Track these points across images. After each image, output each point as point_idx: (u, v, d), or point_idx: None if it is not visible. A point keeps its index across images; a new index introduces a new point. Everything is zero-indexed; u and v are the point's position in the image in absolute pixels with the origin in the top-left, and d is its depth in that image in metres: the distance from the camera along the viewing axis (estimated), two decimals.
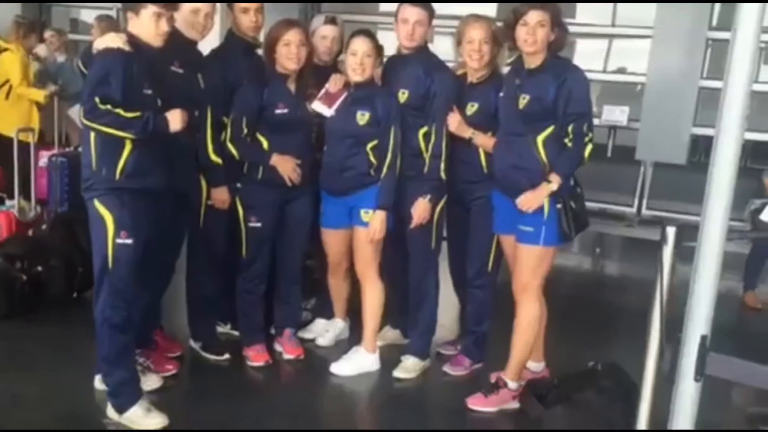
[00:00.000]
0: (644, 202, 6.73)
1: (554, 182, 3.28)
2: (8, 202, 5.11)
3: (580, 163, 3.34)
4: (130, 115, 3.00)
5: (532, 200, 3.31)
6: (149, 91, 3.13)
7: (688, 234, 2.52)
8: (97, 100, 2.98)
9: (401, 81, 3.71)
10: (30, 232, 4.89)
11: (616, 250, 7.44)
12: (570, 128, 3.29)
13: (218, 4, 3.70)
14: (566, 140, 3.31)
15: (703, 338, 2.23)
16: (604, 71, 8.31)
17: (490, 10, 7.78)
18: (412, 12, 3.68)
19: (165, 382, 3.58)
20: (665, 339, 2.52)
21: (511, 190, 3.43)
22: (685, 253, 2.57)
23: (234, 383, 3.74)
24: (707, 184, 2.22)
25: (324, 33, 4.00)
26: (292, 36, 3.61)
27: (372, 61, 3.66)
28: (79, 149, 3.92)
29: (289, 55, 3.62)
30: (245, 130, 3.66)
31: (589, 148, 3.31)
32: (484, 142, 3.63)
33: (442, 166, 3.67)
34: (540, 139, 3.34)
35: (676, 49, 7.24)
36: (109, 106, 2.98)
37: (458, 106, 3.67)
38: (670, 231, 2.51)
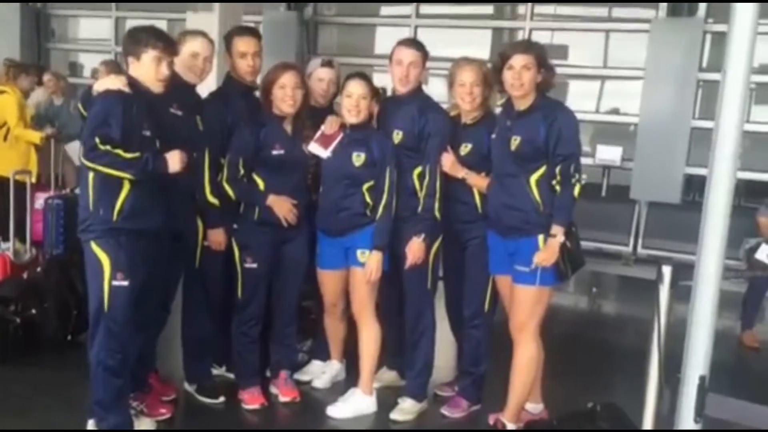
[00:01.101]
0: (639, 241, 6.75)
1: (558, 234, 3.29)
2: (3, 245, 5.09)
3: (573, 204, 3.36)
4: (129, 156, 3.02)
5: (546, 257, 3.31)
6: (148, 133, 3.16)
7: (684, 273, 2.52)
8: (97, 140, 3.00)
9: (396, 122, 3.75)
10: (25, 275, 4.87)
11: (612, 289, 7.44)
12: (557, 169, 3.32)
13: (216, 48, 3.75)
14: (554, 182, 3.33)
15: (702, 379, 2.22)
16: (597, 111, 8.42)
17: (484, 52, 7.92)
18: (406, 54, 3.73)
19: (159, 426, 3.53)
20: (664, 379, 2.51)
21: (505, 230, 3.44)
22: (682, 293, 2.57)
23: (229, 427, 3.69)
24: (702, 222, 2.23)
25: (320, 75, 4.06)
26: (288, 79, 3.66)
27: (367, 103, 3.70)
28: (76, 191, 3.94)
29: (284, 98, 3.66)
30: (242, 171, 3.68)
31: (577, 188, 3.32)
32: (477, 182, 3.66)
33: (437, 205, 3.68)
34: (533, 179, 3.37)
35: (668, 89, 7.35)
36: (108, 147, 3.00)
37: (452, 146, 3.70)
38: (666, 270, 2.51)
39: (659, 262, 2.58)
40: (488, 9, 9.09)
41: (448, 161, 3.66)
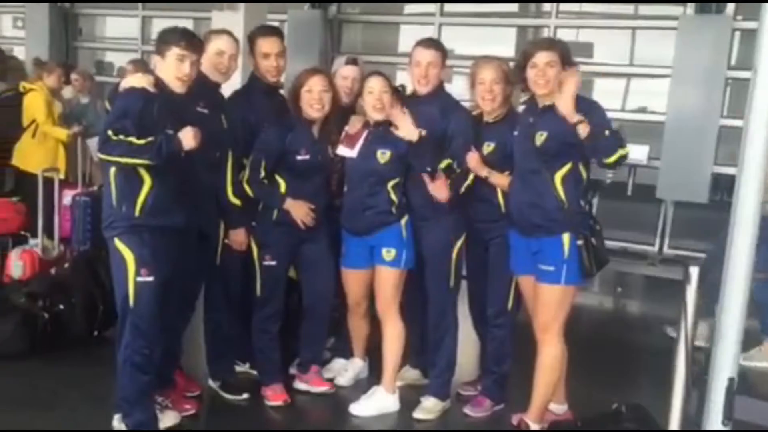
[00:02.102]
0: (666, 240, 6.67)
1: (583, 124, 3.19)
2: (32, 241, 5.17)
3: (615, 144, 3.22)
4: (141, 141, 3.02)
5: (564, 102, 3.21)
6: (171, 132, 3.17)
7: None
8: (110, 132, 3.01)
9: (418, 121, 3.74)
10: (52, 271, 4.94)
11: (637, 290, 7.36)
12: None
13: (241, 47, 3.77)
14: (569, 185, 3.29)
15: (731, 381, 2.19)
16: (623, 110, 8.33)
17: (509, 50, 7.87)
18: (425, 54, 3.73)
19: (183, 422, 3.55)
20: (691, 380, 2.48)
21: (528, 229, 3.42)
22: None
23: (252, 423, 3.71)
24: (730, 222, 2.20)
25: (345, 74, 4.06)
26: (314, 83, 3.67)
27: (389, 97, 3.70)
28: (102, 188, 3.97)
29: (311, 102, 3.67)
30: (263, 173, 3.70)
31: (620, 151, 3.21)
32: (500, 181, 3.64)
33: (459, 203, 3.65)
34: (558, 176, 3.33)
35: (695, 87, 7.24)
36: (121, 137, 3.00)
37: (475, 145, 3.68)
38: (693, 271, 2.49)
39: (686, 263, 2.55)
40: (513, 7, 9.02)
41: (473, 160, 3.65)
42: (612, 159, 3.24)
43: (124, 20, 10.58)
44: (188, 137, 3.13)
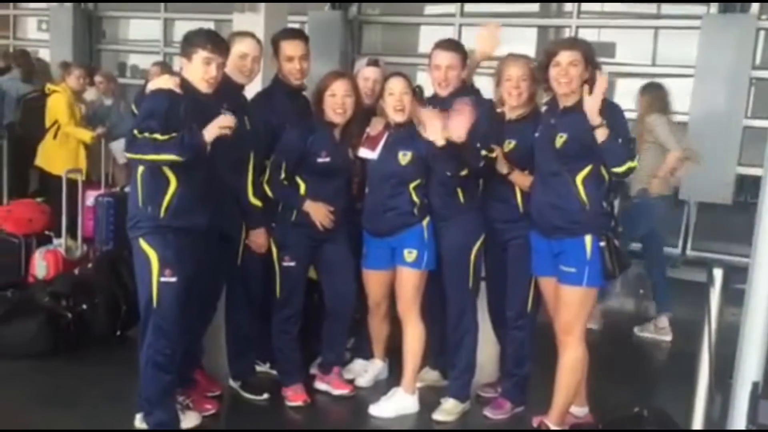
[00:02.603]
0: (689, 242, 6.60)
1: (602, 128, 3.19)
2: (56, 241, 5.23)
3: (625, 155, 3.22)
4: (165, 137, 3.04)
5: (593, 103, 3.19)
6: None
7: (735, 276, 2.46)
8: (135, 132, 3.04)
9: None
10: (76, 271, 4.99)
11: None
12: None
13: (263, 49, 3.78)
14: (590, 187, 3.29)
15: (755, 385, 2.16)
16: None
17: (530, 50, 7.83)
18: (443, 57, 3.72)
19: (204, 421, 3.58)
20: (714, 384, 2.45)
21: (550, 230, 3.40)
22: (732, 296, 2.50)
23: (272, 424, 3.73)
24: (756, 223, 2.17)
25: (366, 75, 4.06)
26: (338, 87, 3.67)
27: (409, 98, 3.70)
28: (126, 189, 4.01)
29: (334, 106, 3.67)
30: (283, 174, 3.71)
31: (630, 163, 3.22)
32: (521, 179, 3.62)
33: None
34: (579, 177, 3.31)
35: (719, 87, 7.16)
36: (146, 134, 3.02)
37: (497, 143, 3.67)
38: (718, 273, 2.45)
39: (710, 264, 2.52)
40: (534, 7, 8.98)
41: (496, 154, 3.62)
42: (621, 169, 3.24)
43: (147, 22, 10.67)
44: (212, 130, 3.12)
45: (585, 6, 8.25)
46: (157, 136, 3.03)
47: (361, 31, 9.39)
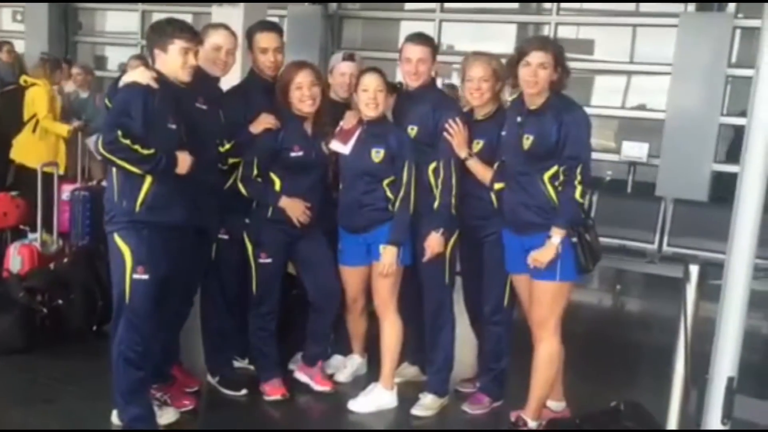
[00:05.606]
0: (665, 238, 6.66)
1: (557, 235, 3.27)
2: (31, 235, 5.16)
3: (576, 207, 3.31)
4: (146, 152, 3.02)
5: (540, 259, 3.30)
6: (173, 126, 3.16)
7: (711, 272, 2.48)
8: (119, 133, 3.00)
9: (410, 117, 3.73)
10: (52, 266, 4.92)
11: (636, 287, 7.35)
12: (561, 170, 3.30)
13: (239, 43, 3.75)
14: (557, 183, 3.31)
15: (730, 380, 2.19)
16: (623, 107, 8.32)
17: (509, 47, 7.85)
18: (414, 50, 3.72)
19: (182, 417, 3.55)
20: (690, 379, 2.48)
21: (521, 227, 3.42)
22: (708, 292, 2.53)
23: (251, 419, 3.71)
24: (732, 220, 2.19)
25: (343, 70, 4.05)
26: (303, 78, 3.65)
27: (384, 96, 3.69)
28: (102, 183, 3.97)
29: (302, 98, 3.65)
30: (255, 171, 3.68)
31: (579, 190, 3.28)
32: (479, 169, 3.63)
33: (453, 201, 3.66)
34: (546, 176, 3.34)
35: (696, 85, 7.25)
36: (128, 142, 3.00)
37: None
38: (693, 269, 2.49)
39: (686, 261, 2.55)
40: (514, 4, 9.02)
41: (458, 137, 3.62)
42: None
43: (124, 14, 10.57)
44: (184, 163, 3.15)
45: (564, 3, 8.30)
46: (138, 148, 3.01)
47: (341, 26, 9.39)
